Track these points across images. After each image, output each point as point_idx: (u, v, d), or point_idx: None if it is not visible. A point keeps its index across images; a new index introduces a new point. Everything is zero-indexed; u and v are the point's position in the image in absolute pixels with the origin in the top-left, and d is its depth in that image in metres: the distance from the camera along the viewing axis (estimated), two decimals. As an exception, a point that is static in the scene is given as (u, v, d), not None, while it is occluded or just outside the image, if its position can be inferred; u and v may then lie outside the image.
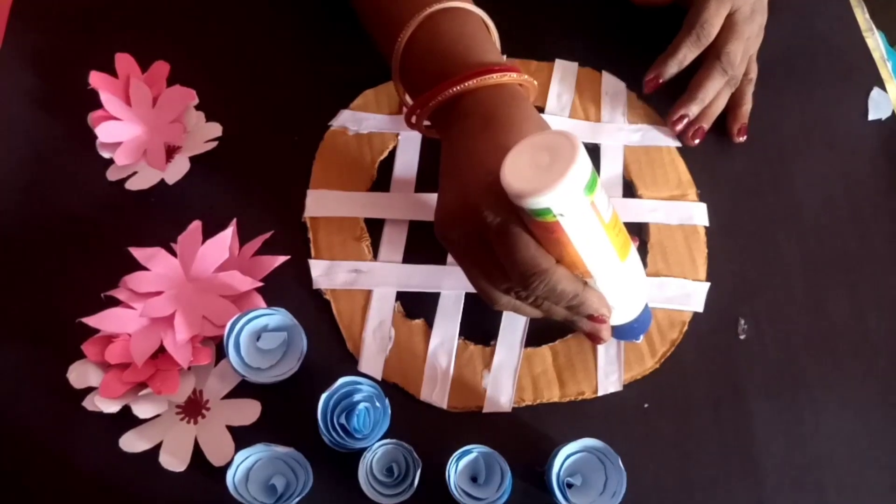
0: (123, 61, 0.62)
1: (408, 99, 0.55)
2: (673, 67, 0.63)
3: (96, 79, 0.60)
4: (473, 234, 0.46)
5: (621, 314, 0.50)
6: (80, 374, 0.52)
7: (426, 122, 0.53)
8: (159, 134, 0.60)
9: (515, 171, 0.41)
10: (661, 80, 0.64)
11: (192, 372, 0.53)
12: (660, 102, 0.65)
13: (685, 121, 0.63)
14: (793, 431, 0.54)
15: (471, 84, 0.48)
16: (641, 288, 0.50)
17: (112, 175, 0.59)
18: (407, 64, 0.53)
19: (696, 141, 0.63)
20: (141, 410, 0.51)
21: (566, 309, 0.47)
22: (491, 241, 0.45)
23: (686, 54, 0.63)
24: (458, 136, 0.49)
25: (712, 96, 0.63)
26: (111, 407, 0.51)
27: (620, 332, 0.52)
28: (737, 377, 0.56)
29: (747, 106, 0.65)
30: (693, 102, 0.63)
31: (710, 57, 0.63)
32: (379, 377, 0.54)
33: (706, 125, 0.64)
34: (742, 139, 0.64)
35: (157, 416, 0.51)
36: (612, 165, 0.62)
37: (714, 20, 0.62)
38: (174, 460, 0.51)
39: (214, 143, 0.60)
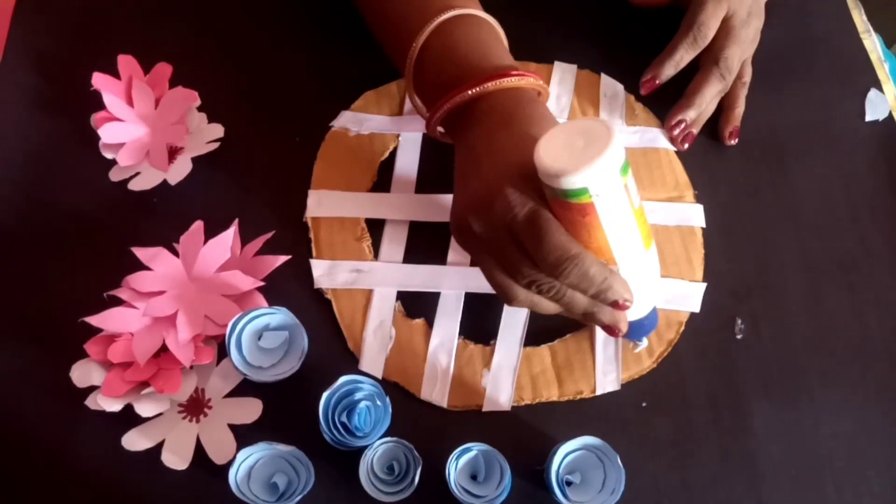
0: (126, 62, 0.62)
1: (418, 101, 0.55)
2: (670, 69, 0.64)
3: (99, 80, 0.60)
4: (498, 224, 0.46)
5: (636, 308, 0.50)
6: (83, 373, 0.53)
7: (440, 129, 0.54)
8: (161, 135, 0.60)
9: (550, 153, 0.42)
10: (657, 82, 0.64)
11: (194, 371, 0.53)
12: (658, 104, 0.66)
13: (682, 125, 0.64)
14: (791, 431, 0.55)
15: (489, 86, 0.49)
16: (657, 284, 0.50)
17: (115, 176, 0.60)
18: (421, 70, 0.53)
19: (686, 146, 0.64)
20: (143, 409, 0.51)
21: (591, 297, 0.47)
22: (518, 230, 0.45)
23: (683, 56, 0.63)
24: (475, 137, 0.50)
25: (710, 101, 0.64)
26: (113, 406, 0.51)
27: (629, 330, 0.52)
28: (735, 377, 0.56)
29: (740, 109, 0.65)
30: (691, 107, 0.63)
31: (708, 62, 0.63)
32: (379, 376, 0.54)
33: (696, 130, 0.64)
34: (733, 142, 0.64)
35: (160, 414, 0.52)
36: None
37: (711, 22, 0.62)
38: (176, 459, 0.51)
39: (216, 144, 0.60)
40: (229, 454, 0.51)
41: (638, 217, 0.45)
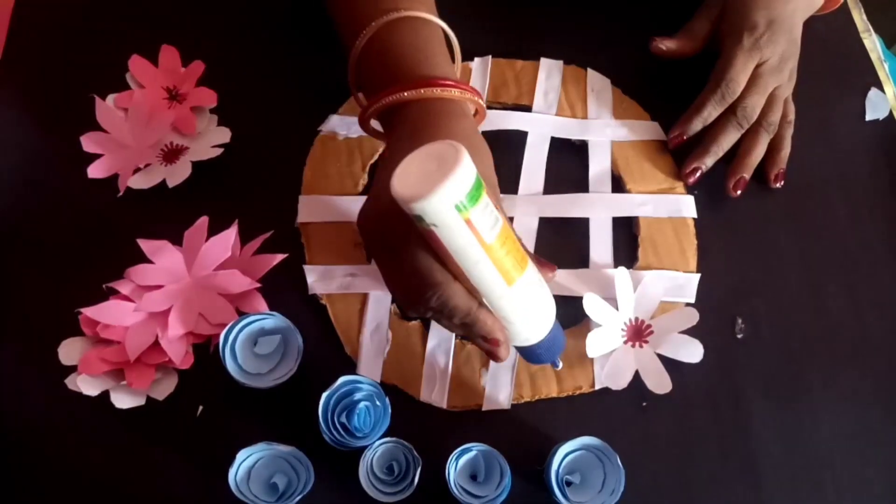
0: (168, 53, 0.69)
1: (361, 98, 0.60)
2: (698, 124, 0.69)
3: (136, 64, 0.68)
4: (378, 238, 0.51)
5: (519, 336, 0.52)
6: (69, 352, 0.58)
7: (378, 128, 0.59)
8: (140, 154, 0.66)
9: (404, 176, 0.44)
10: (685, 138, 0.69)
11: (176, 373, 0.59)
12: (646, 98, 0.72)
13: (699, 173, 0.68)
14: (791, 430, 0.60)
15: (408, 95, 0.53)
16: (541, 312, 0.52)
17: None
18: (362, 69, 0.58)
19: (739, 192, 0.68)
20: (119, 400, 0.57)
21: (460, 326, 0.51)
22: (394, 248, 0.49)
23: (711, 112, 0.68)
24: (392, 142, 0.54)
25: (727, 148, 0.69)
26: (91, 389, 0.56)
27: (529, 355, 0.55)
28: (735, 376, 0.61)
29: (786, 151, 0.70)
30: (707, 155, 0.68)
31: (727, 110, 0.69)
32: (378, 380, 0.59)
33: (747, 175, 0.69)
34: (779, 185, 0.69)
35: (142, 406, 0.57)
36: (601, 161, 0.69)
37: (740, 77, 0.67)
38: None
39: (220, 150, 0.65)
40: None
41: (492, 252, 0.46)
